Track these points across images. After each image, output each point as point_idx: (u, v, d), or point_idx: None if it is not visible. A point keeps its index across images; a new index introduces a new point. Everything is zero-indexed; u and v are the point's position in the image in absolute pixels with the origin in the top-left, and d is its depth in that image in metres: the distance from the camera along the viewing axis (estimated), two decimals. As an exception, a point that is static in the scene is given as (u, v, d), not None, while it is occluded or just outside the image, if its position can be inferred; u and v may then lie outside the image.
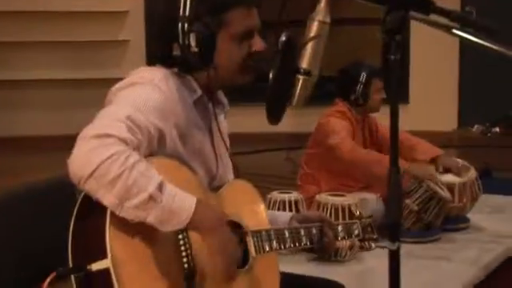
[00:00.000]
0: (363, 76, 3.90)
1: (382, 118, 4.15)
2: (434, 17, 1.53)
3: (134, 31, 7.82)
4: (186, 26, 1.80)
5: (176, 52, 1.83)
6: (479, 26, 1.46)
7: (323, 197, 3.55)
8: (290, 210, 3.49)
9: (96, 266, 1.60)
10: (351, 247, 3.38)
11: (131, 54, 7.82)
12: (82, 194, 1.66)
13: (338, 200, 3.48)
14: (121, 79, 1.85)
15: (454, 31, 1.53)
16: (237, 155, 2.08)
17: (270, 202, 3.56)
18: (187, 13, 1.80)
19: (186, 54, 1.81)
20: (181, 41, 1.81)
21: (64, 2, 7.70)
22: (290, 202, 3.54)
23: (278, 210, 3.49)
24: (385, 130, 4.12)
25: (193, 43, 1.80)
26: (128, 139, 1.63)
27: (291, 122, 3.07)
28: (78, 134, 1.64)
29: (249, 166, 5.80)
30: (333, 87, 4.02)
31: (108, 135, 1.60)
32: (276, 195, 3.60)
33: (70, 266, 1.62)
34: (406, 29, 1.50)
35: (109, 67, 7.72)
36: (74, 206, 1.67)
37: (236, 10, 1.86)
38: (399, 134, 1.50)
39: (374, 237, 2.32)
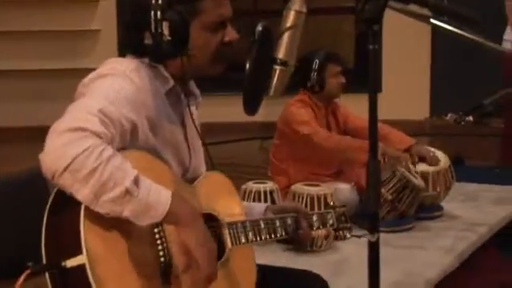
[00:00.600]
0: (316, 63, 3.95)
1: (352, 107, 4.18)
2: (411, 6, 1.53)
3: (106, 21, 7.74)
4: (158, 14, 1.77)
5: (148, 41, 1.80)
6: (459, 16, 1.45)
7: (298, 187, 3.55)
8: (265, 201, 3.49)
9: (71, 263, 1.57)
10: (327, 237, 3.39)
11: (102, 44, 7.74)
12: (56, 189, 1.63)
13: (313, 190, 3.49)
14: (92, 69, 1.82)
15: (432, 21, 1.52)
16: (210, 145, 2.05)
17: (245, 192, 3.55)
18: (160, 1, 1.77)
19: (158, 42, 1.78)
20: (153, 29, 1.78)
21: (34, -9, 7.62)
22: (265, 192, 3.54)
23: (253, 200, 3.49)
24: (355, 118, 4.15)
25: (166, 31, 1.78)
26: (102, 133, 1.60)
27: (265, 111, 3.04)
28: (48, 126, 1.61)
29: (223, 156, 5.79)
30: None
31: (81, 129, 1.58)
32: (251, 185, 3.59)
33: (44, 262, 1.59)
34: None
35: (80, 57, 7.63)
36: (48, 200, 1.64)
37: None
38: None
39: (348, 226, 2.32)
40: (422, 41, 7.75)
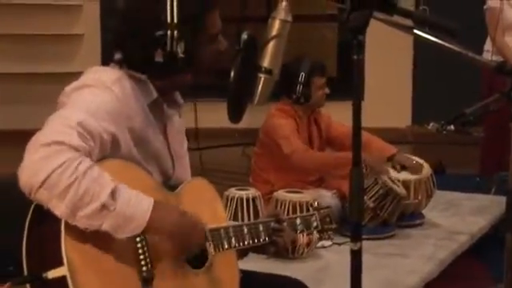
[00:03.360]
0: (302, 76, 3.77)
1: (335, 114, 4.19)
2: (395, 17, 1.54)
3: (89, 25, 7.71)
4: (174, 33, 1.75)
5: (158, 58, 1.78)
6: (440, 27, 1.47)
7: (281, 194, 3.56)
8: (248, 207, 3.48)
9: (52, 274, 1.57)
10: (308, 244, 3.39)
11: (86, 49, 7.70)
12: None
13: (295, 197, 3.49)
14: (76, 73, 1.81)
15: (415, 31, 1.53)
16: (192, 151, 2.05)
17: (227, 198, 3.54)
18: (172, 19, 1.75)
19: (170, 60, 1.77)
20: (168, 47, 1.76)
21: (17, -5, 7.57)
22: (247, 199, 3.53)
23: (236, 207, 3.49)
24: (338, 125, 4.15)
25: (179, 50, 1.77)
26: (79, 146, 1.59)
27: (248, 117, 3.04)
28: (31, 129, 1.60)
29: (205, 162, 5.79)
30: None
31: (58, 142, 1.57)
32: (233, 192, 3.58)
33: (26, 273, 1.59)
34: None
35: (63, 61, 7.59)
36: (28, 210, 1.63)
37: (211, 13, 1.85)
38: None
39: (333, 227, 2.33)
40: (404, 50, 7.79)
